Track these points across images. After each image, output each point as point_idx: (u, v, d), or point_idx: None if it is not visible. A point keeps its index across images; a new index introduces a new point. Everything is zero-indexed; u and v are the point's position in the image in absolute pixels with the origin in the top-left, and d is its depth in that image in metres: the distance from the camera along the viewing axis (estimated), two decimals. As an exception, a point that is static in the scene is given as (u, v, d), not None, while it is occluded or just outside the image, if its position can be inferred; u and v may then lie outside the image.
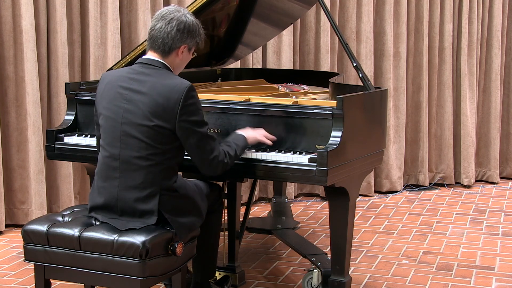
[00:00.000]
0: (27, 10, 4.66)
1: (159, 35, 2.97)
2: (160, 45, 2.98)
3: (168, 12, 3.00)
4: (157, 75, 2.94)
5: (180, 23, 2.98)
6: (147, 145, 2.88)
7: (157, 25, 2.98)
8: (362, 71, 3.52)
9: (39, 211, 4.80)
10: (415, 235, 4.83)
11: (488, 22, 6.33)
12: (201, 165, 3.00)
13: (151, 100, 2.87)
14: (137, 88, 2.91)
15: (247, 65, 5.46)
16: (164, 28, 2.96)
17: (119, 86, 2.95)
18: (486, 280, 4.02)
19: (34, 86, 4.72)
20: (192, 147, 2.93)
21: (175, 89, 2.87)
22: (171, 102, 2.86)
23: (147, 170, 2.89)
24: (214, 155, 2.98)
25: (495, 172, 6.39)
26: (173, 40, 2.97)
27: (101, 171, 2.99)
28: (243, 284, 3.68)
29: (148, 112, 2.87)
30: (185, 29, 2.98)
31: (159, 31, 2.97)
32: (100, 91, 3.02)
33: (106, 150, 2.96)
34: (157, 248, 2.82)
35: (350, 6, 5.76)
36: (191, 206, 3.03)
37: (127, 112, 2.90)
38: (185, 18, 2.99)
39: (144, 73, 2.95)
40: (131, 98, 2.91)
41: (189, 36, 3.01)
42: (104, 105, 2.97)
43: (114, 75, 3.02)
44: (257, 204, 5.64)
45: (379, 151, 3.60)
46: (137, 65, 3.01)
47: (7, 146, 4.82)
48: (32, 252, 2.94)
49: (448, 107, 6.20)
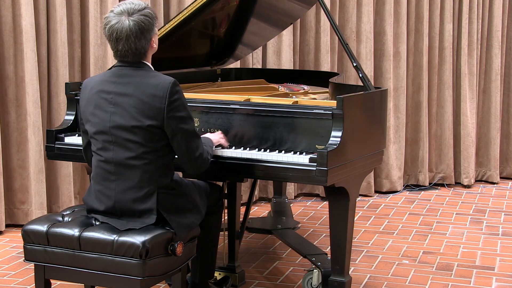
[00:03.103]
0: (27, 10, 4.66)
1: (127, 53, 2.89)
2: (133, 56, 2.91)
3: (115, 31, 2.86)
4: (139, 75, 2.91)
5: (136, 32, 2.86)
6: (140, 145, 2.87)
7: (119, 47, 2.88)
8: (362, 71, 3.52)
9: (39, 211, 4.80)
10: (415, 235, 4.83)
11: (488, 22, 6.33)
12: (187, 162, 2.97)
13: (137, 100, 2.86)
14: (121, 90, 2.90)
15: (247, 65, 5.46)
16: (126, 46, 2.87)
17: (102, 91, 2.93)
18: (486, 280, 4.02)
19: (34, 86, 4.72)
20: (179, 143, 2.91)
21: (159, 87, 2.86)
22: (157, 100, 2.85)
23: (143, 170, 2.89)
24: (199, 152, 2.97)
25: (495, 172, 6.39)
26: (142, 47, 2.90)
27: (96, 175, 2.98)
28: (243, 284, 3.68)
29: (136, 113, 2.86)
30: (142, 29, 2.88)
31: (125, 51, 2.89)
32: (84, 98, 3.00)
33: (99, 155, 2.96)
34: (157, 248, 2.82)
35: (350, 6, 5.76)
36: (189, 204, 3.04)
37: (115, 115, 2.89)
38: (132, 22, 2.86)
39: (125, 74, 2.92)
40: (116, 101, 2.89)
41: (150, 30, 2.91)
42: (90, 111, 2.95)
43: (96, 81, 2.99)
44: (257, 204, 5.64)
45: (379, 151, 3.60)
46: (117, 67, 2.96)
47: (7, 146, 4.82)
48: (32, 252, 2.94)
49: (448, 107, 6.20)
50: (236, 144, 3.38)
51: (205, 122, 3.44)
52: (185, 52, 4.30)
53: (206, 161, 3.03)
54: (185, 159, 2.97)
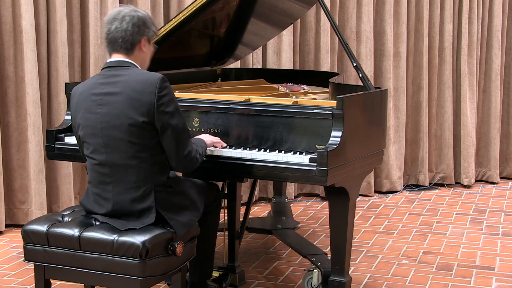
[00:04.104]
0: (27, 10, 4.66)
1: (117, 35, 2.94)
2: (121, 44, 2.95)
3: (117, 12, 2.98)
4: (127, 74, 2.92)
5: (133, 18, 2.96)
6: (132, 143, 2.87)
7: (112, 27, 2.95)
8: (362, 71, 3.52)
9: (39, 211, 4.80)
10: (415, 235, 4.83)
11: (488, 22, 6.33)
12: (175, 159, 2.94)
13: (126, 98, 2.86)
14: (110, 90, 2.90)
15: (247, 65, 5.46)
16: (120, 27, 2.94)
17: (91, 95, 2.93)
18: (486, 280, 4.02)
19: (34, 86, 4.72)
20: (168, 139, 2.89)
21: (148, 83, 2.86)
22: (146, 95, 2.84)
23: (138, 169, 2.88)
24: (188, 150, 2.95)
25: (495, 172, 6.39)
26: (132, 35, 2.95)
27: (92, 179, 2.98)
28: (243, 284, 3.68)
29: (126, 110, 2.85)
30: (139, 21, 2.96)
31: (116, 32, 2.94)
32: (74, 104, 3.00)
33: (92, 159, 2.96)
34: (157, 248, 2.82)
35: (350, 6, 5.76)
36: (187, 201, 3.03)
37: (105, 116, 2.88)
38: (135, 13, 2.97)
39: (114, 75, 2.93)
40: (106, 101, 2.89)
41: (146, 27, 2.98)
42: (81, 116, 2.95)
43: (85, 85, 3.00)
44: (257, 204, 5.64)
45: (379, 151, 3.60)
46: (104, 69, 2.98)
47: (7, 146, 4.82)
48: (32, 252, 2.94)
49: (448, 107, 6.20)
50: (236, 144, 3.38)
51: (205, 122, 3.44)
52: (185, 52, 4.30)
53: (195, 160, 3.00)
54: (173, 156, 2.93)
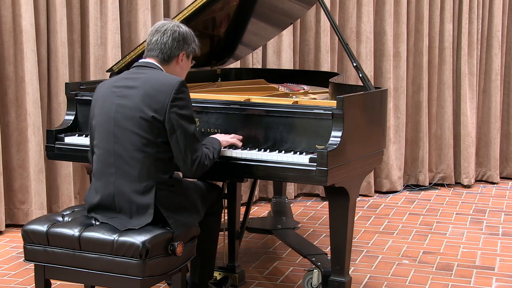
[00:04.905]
0: (27, 10, 4.66)
1: (156, 47, 3.08)
2: (158, 54, 3.08)
3: (161, 25, 3.11)
4: (151, 73, 3.02)
5: (174, 32, 3.08)
6: (140, 136, 2.90)
7: (153, 39, 3.09)
8: (362, 71, 3.52)
9: (39, 211, 4.80)
10: (415, 235, 4.83)
11: (488, 22, 6.33)
12: (183, 163, 2.96)
13: (143, 92, 2.93)
14: (130, 84, 2.98)
15: (247, 65, 5.46)
16: (160, 40, 3.07)
17: (113, 87, 3.02)
18: (486, 280, 4.02)
19: (34, 86, 4.72)
20: (177, 140, 2.92)
21: (167, 83, 2.93)
22: (162, 94, 2.91)
23: (142, 163, 2.90)
24: (197, 155, 2.97)
25: (495, 172, 6.39)
26: (170, 49, 3.07)
27: (96, 170, 3.01)
28: (243, 284, 3.68)
29: (139, 103, 2.91)
30: (180, 36, 3.09)
31: (156, 44, 3.08)
32: (96, 95, 3.09)
33: (100, 148, 2.99)
34: (157, 248, 2.83)
35: (350, 6, 5.76)
36: (188, 204, 3.04)
37: (120, 107, 2.95)
38: (178, 28, 3.10)
39: (138, 72, 3.03)
40: (124, 93, 2.97)
41: (185, 43, 3.11)
42: (98, 105, 3.04)
43: (111, 79, 3.12)
44: (257, 204, 5.64)
45: (379, 151, 3.60)
46: (133, 68, 3.09)
47: (7, 146, 4.82)
48: (32, 252, 2.94)
49: (448, 107, 6.20)
50: (236, 144, 3.38)
51: (205, 122, 3.44)
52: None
53: (203, 165, 3.00)
54: (181, 159, 2.96)
